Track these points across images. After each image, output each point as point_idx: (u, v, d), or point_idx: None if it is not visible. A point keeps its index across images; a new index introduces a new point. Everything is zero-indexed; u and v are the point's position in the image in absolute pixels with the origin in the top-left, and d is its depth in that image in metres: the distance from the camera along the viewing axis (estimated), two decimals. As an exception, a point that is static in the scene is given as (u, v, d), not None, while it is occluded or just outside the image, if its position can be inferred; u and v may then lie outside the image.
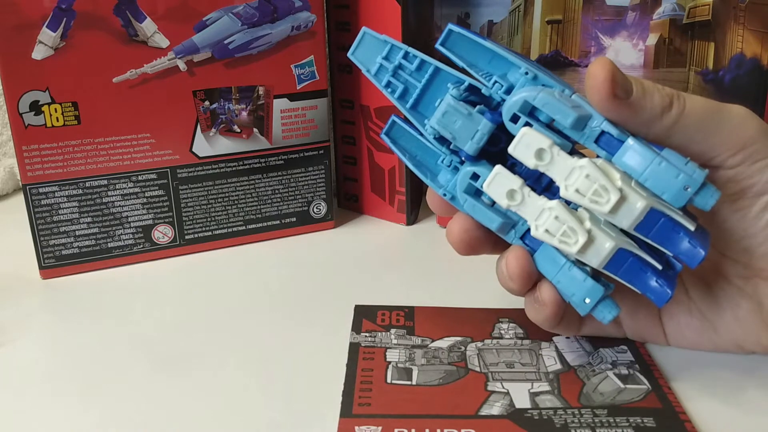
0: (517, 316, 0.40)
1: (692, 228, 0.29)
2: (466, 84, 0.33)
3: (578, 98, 0.31)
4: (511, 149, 0.31)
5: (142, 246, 0.49)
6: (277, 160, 0.51)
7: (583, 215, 0.31)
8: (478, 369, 0.35)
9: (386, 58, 0.35)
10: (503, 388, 0.34)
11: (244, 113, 0.49)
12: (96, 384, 0.35)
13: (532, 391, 0.33)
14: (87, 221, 0.47)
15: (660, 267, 0.31)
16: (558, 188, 0.31)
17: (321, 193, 0.53)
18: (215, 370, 0.36)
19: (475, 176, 0.33)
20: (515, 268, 0.33)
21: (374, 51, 0.35)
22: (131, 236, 0.48)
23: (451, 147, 0.34)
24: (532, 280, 0.33)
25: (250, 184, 0.51)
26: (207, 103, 0.48)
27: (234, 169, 0.50)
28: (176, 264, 0.49)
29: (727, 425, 0.31)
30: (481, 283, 0.44)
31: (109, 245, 0.48)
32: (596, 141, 0.30)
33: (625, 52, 0.51)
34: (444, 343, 0.38)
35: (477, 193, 0.34)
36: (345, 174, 0.58)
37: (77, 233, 0.47)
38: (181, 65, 0.46)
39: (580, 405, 0.32)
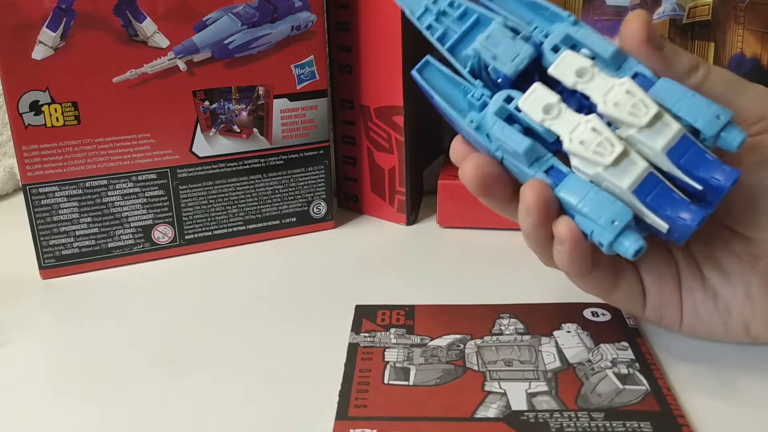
0: (518, 311, 0.40)
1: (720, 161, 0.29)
2: (511, 24, 0.33)
3: None
4: (551, 69, 0.31)
5: (142, 246, 0.49)
6: (277, 160, 0.51)
7: (618, 132, 0.31)
8: (476, 368, 0.35)
9: (433, 2, 0.35)
10: (500, 388, 0.34)
11: (244, 113, 0.49)
12: (96, 384, 0.36)
13: (529, 391, 0.33)
14: (87, 221, 0.47)
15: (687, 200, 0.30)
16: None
17: (321, 193, 0.53)
18: (215, 370, 0.36)
19: (508, 99, 0.33)
20: (531, 197, 0.31)
21: None
22: (131, 236, 0.48)
23: (489, 70, 0.33)
24: (550, 212, 0.32)
25: (250, 184, 0.51)
26: (207, 103, 0.48)
27: (234, 169, 0.50)
28: (176, 264, 0.49)
29: (727, 427, 0.31)
30: (482, 283, 0.44)
31: (109, 245, 0.48)
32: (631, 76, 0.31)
33: (625, 52, 0.51)
34: (443, 341, 0.38)
35: (507, 120, 0.33)
36: (345, 174, 0.58)
37: (77, 233, 0.47)
38: (181, 65, 0.46)
39: (577, 407, 0.32)
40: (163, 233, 0.49)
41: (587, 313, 0.40)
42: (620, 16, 0.51)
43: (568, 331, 0.38)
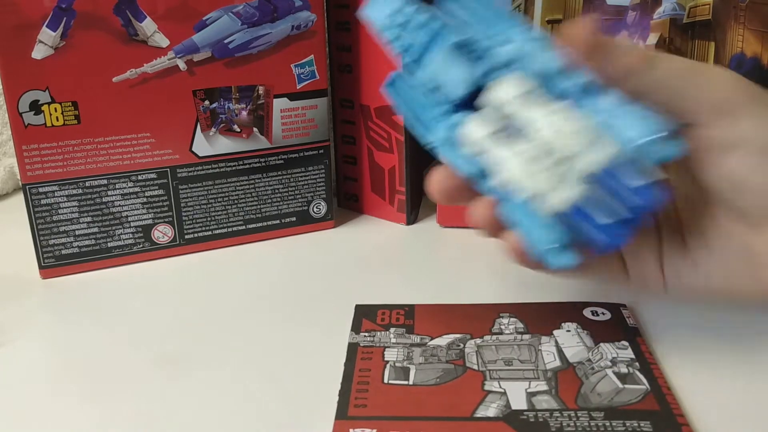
0: (518, 310, 0.40)
1: (651, 180, 0.30)
2: (466, 38, 0.33)
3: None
4: (490, 96, 0.32)
5: (141, 246, 0.49)
6: (276, 160, 0.51)
7: (553, 157, 0.31)
8: (476, 367, 0.35)
9: (395, 14, 0.35)
10: (500, 387, 0.34)
11: (244, 113, 0.49)
12: (96, 384, 0.36)
13: (529, 390, 0.33)
14: (87, 221, 0.47)
15: (613, 220, 0.31)
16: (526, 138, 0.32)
17: (321, 192, 0.53)
18: (215, 370, 0.36)
19: (455, 126, 0.34)
20: (478, 216, 0.34)
21: (384, 7, 0.35)
22: (131, 236, 0.48)
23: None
24: (498, 227, 0.34)
25: (250, 184, 0.51)
26: (207, 102, 0.48)
27: (234, 168, 0.50)
28: (176, 264, 0.49)
29: (727, 427, 0.31)
30: (482, 283, 0.44)
31: (109, 245, 0.48)
32: (573, 93, 0.31)
33: (625, 51, 0.51)
34: (443, 340, 0.38)
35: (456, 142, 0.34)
36: (345, 174, 0.58)
37: (77, 233, 0.47)
38: (181, 65, 0.46)
39: (576, 407, 0.32)
40: (163, 233, 0.49)
41: (587, 312, 0.40)
42: (621, 16, 0.51)
43: (568, 331, 0.38)
